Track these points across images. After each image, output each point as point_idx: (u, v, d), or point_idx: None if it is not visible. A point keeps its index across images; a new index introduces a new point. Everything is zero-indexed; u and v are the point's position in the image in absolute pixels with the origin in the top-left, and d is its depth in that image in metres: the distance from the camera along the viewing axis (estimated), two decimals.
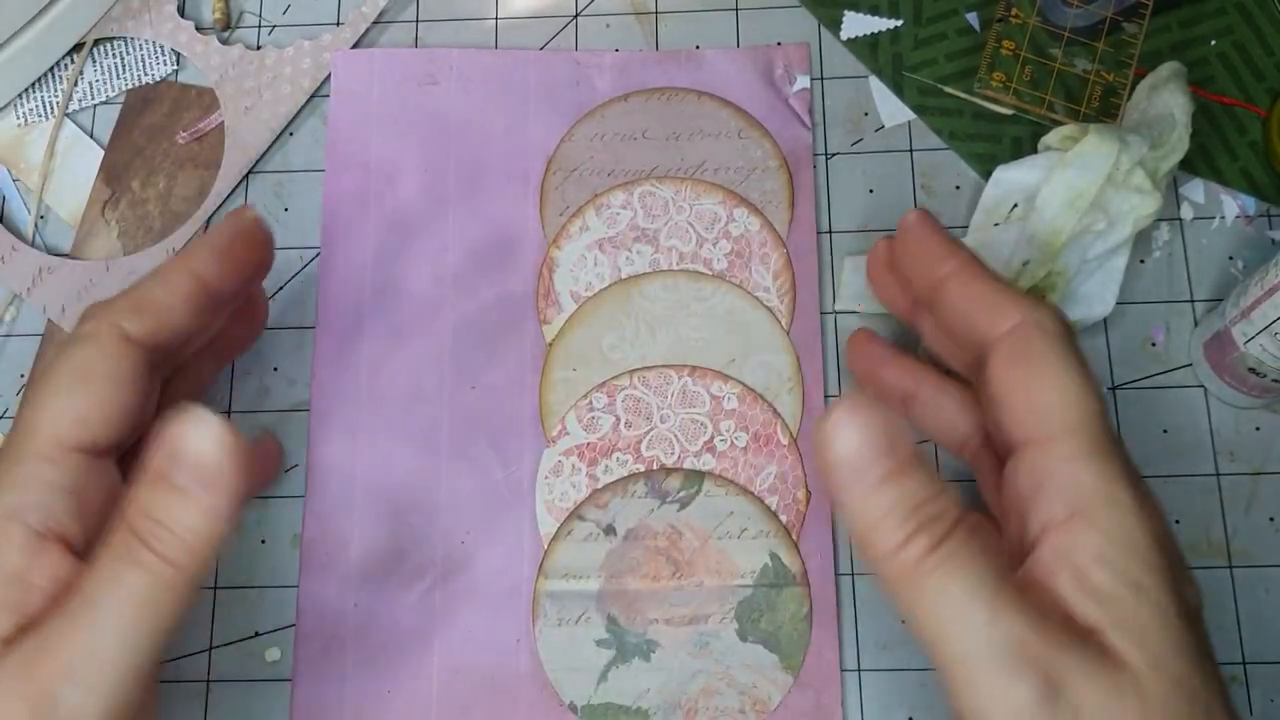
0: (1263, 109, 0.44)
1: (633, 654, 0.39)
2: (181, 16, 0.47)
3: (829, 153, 0.44)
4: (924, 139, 0.44)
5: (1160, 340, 0.42)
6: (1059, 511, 0.29)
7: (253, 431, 0.42)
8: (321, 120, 0.46)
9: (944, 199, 0.44)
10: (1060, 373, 0.30)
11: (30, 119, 0.47)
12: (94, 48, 0.47)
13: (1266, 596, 0.39)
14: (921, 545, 0.27)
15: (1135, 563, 0.28)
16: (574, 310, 0.43)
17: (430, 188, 0.44)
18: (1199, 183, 0.43)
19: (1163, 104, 0.40)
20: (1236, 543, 0.40)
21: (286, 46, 0.46)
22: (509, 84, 0.45)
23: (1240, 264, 0.43)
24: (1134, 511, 0.28)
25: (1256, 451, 0.41)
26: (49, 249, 0.45)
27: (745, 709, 0.39)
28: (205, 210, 0.45)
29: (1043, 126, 0.44)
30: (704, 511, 0.40)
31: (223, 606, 0.41)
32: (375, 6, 0.47)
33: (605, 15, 0.46)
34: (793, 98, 0.45)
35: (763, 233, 0.43)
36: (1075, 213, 0.39)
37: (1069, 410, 0.30)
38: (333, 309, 0.43)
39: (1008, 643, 0.26)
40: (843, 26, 0.46)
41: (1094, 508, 0.28)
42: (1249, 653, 0.39)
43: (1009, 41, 0.45)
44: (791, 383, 0.42)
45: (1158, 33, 0.45)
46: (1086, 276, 0.41)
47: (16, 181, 0.46)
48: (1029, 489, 0.29)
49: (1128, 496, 0.28)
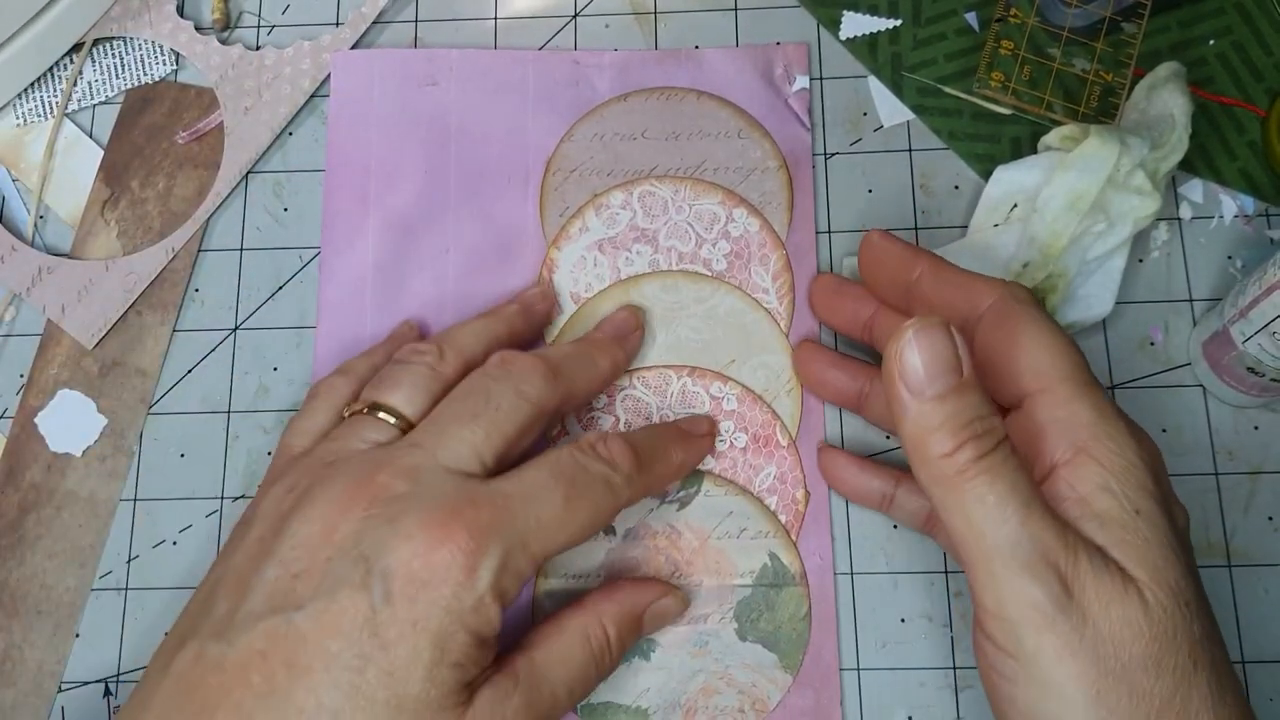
0: (1261, 109, 0.44)
1: (632, 653, 0.39)
2: (181, 16, 0.47)
3: (828, 153, 0.44)
4: (923, 139, 0.44)
5: (1159, 340, 0.42)
6: (1064, 450, 0.32)
7: (254, 432, 0.43)
8: (321, 120, 0.46)
9: (943, 199, 0.44)
10: (1044, 332, 0.33)
11: (30, 119, 0.47)
12: (93, 48, 0.47)
13: (1266, 596, 0.39)
14: (969, 454, 0.30)
15: (1134, 490, 0.31)
16: (574, 311, 0.43)
17: (430, 188, 0.44)
18: (1198, 182, 0.44)
19: (1162, 104, 0.41)
20: (1235, 542, 0.40)
21: (286, 47, 0.46)
22: (508, 84, 0.45)
23: (1239, 263, 0.43)
24: (1130, 444, 0.32)
25: (1255, 451, 0.41)
26: (48, 249, 0.45)
27: (744, 708, 0.39)
28: (204, 210, 0.45)
29: (1042, 126, 0.44)
30: (703, 511, 0.40)
31: None
32: (375, 6, 0.47)
33: (604, 15, 0.46)
34: (792, 98, 0.45)
35: (762, 233, 0.43)
36: (1076, 215, 0.39)
37: (1059, 361, 0.33)
38: (333, 309, 0.43)
39: (1033, 545, 0.29)
40: (842, 26, 0.46)
41: (1095, 442, 0.31)
42: (1249, 653, 0.39)
43: (1008, 41, 0.45)
44: (790, 384, 0.42)
45: (1156, 33, 0.45)
46: (1086, 277, 0.41)
47: (16, 181, 0.46)
48: (1035, 436, 0.32)
49: (1123, 431, 0.32)
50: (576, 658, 0.34)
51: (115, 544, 0.42)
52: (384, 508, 0.32)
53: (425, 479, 0.32)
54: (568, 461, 0.34)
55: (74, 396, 0.43)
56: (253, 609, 0.31)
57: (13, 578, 0.41)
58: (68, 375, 0.43)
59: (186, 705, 0.30)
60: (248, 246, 0.45)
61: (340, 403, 0.38)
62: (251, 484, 0.42)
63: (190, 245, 0.44)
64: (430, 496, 0.32)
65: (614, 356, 0.40)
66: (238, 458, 0.42)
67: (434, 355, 0.37)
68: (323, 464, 0.34)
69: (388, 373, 0.37)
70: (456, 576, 0.31)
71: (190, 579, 0.41)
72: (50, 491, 0.42)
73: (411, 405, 0.36)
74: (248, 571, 0.32)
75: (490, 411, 0.34)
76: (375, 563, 0.31)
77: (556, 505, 0.33)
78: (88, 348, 0.43)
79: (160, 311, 0.44)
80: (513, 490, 0.33)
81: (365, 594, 0.30)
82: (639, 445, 0.36)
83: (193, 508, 0.42)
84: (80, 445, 0.43)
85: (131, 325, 0.44)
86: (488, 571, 0.31)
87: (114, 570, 0.42)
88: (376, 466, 0.33)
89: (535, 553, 0.32)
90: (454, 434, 0.34)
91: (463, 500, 0.32)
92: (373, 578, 0.30)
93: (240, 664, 0.30)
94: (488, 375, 0.36)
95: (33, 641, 0.41)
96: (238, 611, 0.31)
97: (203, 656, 0.31)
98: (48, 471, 0.42)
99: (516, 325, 0.40)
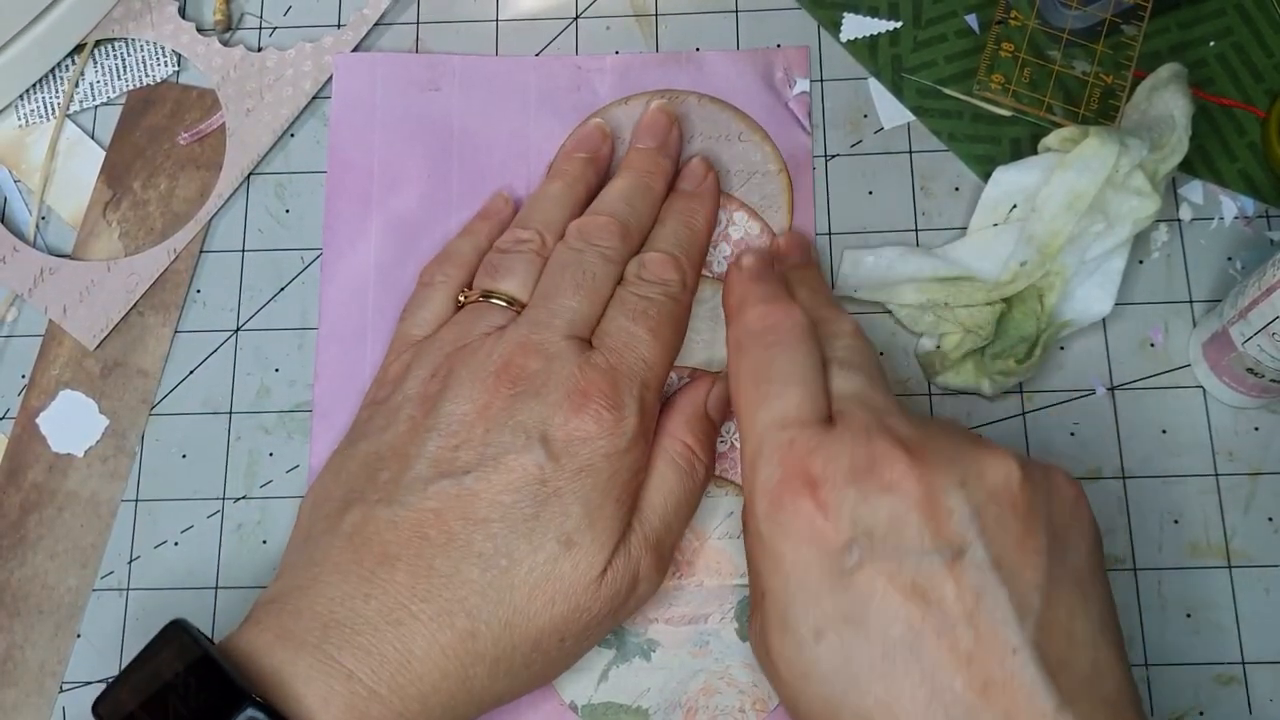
0: (1262, 110, 0.44)
1: (633, 653, 0.39)
2: (183, 18, 0.47)
3: (828, 155, 0.45)
4: (923, 141, 0.45)
5: (1159, 341, 0.42)
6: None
7: (255, 433, 0.43)
8: (322, 122, 0.46)
9: (943, 200, 0.44)
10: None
11: (31, 120, 0.47)
12: (95, 49, 0.47)
13: (1266, 596, 0.39)
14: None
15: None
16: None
17: (432, 191, 0.44)
18: (1198, 184, 0.44)
19: (1163, 106, 0.41)
20: (1236, 543, 0.40)
21: (288, 48, 0.46)
22: (510, 89, 0.45)
23: (1239, 265, 0.43)
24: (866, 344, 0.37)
25: (1255, 452, 0.41)
26: (50, 250, 0.45)
27: (745, 708, 0.39)
28: (206, 211, 0.45)
29: (1042, 128, 0.44)
30: (704, 511, 0.40)
31: (224, 606, 0.41)
32: (377, 8, 0.47)
33: (606, 17, 0.47)
34: (792, 101, 0.45)
35: (762, 236, 0.43)
36: (1074, 214, 0.40)
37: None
38: (335, 310, 0.43)
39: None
40: (842, 28, 0.46)
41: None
42: (1249, 653, 0.39)
43: (1008, 43, 0.45)
44: None
45: (1156, 34, 0.45)
46: (1085, 277, 0.41)
47: (18, 182, 0.46)
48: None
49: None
50: (670, 480, 0.37)
51: (117, 544, 0.42)
52: (526, 384, 0.36)
53: (554, 353, 0.36)
54: (633, 301, 0.38)
55: (76, 397, 0.43)
56: (420, 475, 0.35)
57: (14, 578, 0.42)
58: (69, 376, 0.43)
59: (365, 558, 0.34)
60: (249, 248, 0.45)
61: (454, 290, 0.41)
62: (253, 485, 0.42)
63: (192, 246, 0.44)
64: (563, 367, 0.36)
65: (664, 170, 0.42)
66: (239, 459, 0.42)
67: (537, 243, 0.40)
68: (456, 348, 0.38)
69: (499, 261, 0.40)
70: (607, 427, 0.35)
71: (191, 579, 0.41)
72: (52, 492, 0.42)
73: (524, 290, 0.39)
74: (407, 445, 0.36)
75: (589, 281, 0.38)
76: (533, 430, 0.35)
77: (648, 341, 0.37)
78: (89, 348, 0.44)
79: (162, 312, 0.44)
80: (615, 344, 0.37)
81: (529, 455, 0.34)
82: (670, 249, 0.40)
83: (194, 508, 0.42)
84: (82, 446, 0.43)
85: (133, 326, 0.44)
86: (630, 414, 0.36)
87: (115, 571, 0.42)
88: (510, 349, 0.37)
89: (655, 386, 0.37)
90: (566, 307, 0.38)
91: (588, 365, 0.36)
92: (533, 442, 0.35)
93: (415, 521, 0.34)
94: (574, 249, 0.39)
95: (34, 642, 0.41)
96: (403, 478, 0.35)
97: (372, 518, 0.34)
98: (49, 472, 0.43)
99: (591, 181, 0.43)
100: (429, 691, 0.33)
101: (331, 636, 0.32)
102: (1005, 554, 0.30)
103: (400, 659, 0.32)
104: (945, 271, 0.41)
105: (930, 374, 0.42)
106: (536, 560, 0.34)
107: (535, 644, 0.34)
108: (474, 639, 0.33)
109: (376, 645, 0.32)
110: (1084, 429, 0.41)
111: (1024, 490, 0.31)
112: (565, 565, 0.34)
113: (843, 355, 0.36)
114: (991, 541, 0.30)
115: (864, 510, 0.31)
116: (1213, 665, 0.39)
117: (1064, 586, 0.31)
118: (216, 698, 0.30)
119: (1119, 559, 0.40)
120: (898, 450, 0.32)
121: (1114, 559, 0.40)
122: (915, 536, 0.30)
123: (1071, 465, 0.41)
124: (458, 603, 0.33)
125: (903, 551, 0.30)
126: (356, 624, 0.33)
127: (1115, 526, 0.40)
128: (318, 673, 0.32)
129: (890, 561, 0.30)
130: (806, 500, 0.31)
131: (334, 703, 0.31)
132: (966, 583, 0.30)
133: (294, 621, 0.33)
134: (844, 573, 0.31)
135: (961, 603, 0.30)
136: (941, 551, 0.30)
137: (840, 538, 0.31)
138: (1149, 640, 0.39)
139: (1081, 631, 0.30)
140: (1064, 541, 0.32)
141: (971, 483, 0.31)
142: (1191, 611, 0.39)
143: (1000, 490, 0.31)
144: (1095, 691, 0.30)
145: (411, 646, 0.33)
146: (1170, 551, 0.40)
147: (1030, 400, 0.42)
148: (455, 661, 0.33)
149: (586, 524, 0.34)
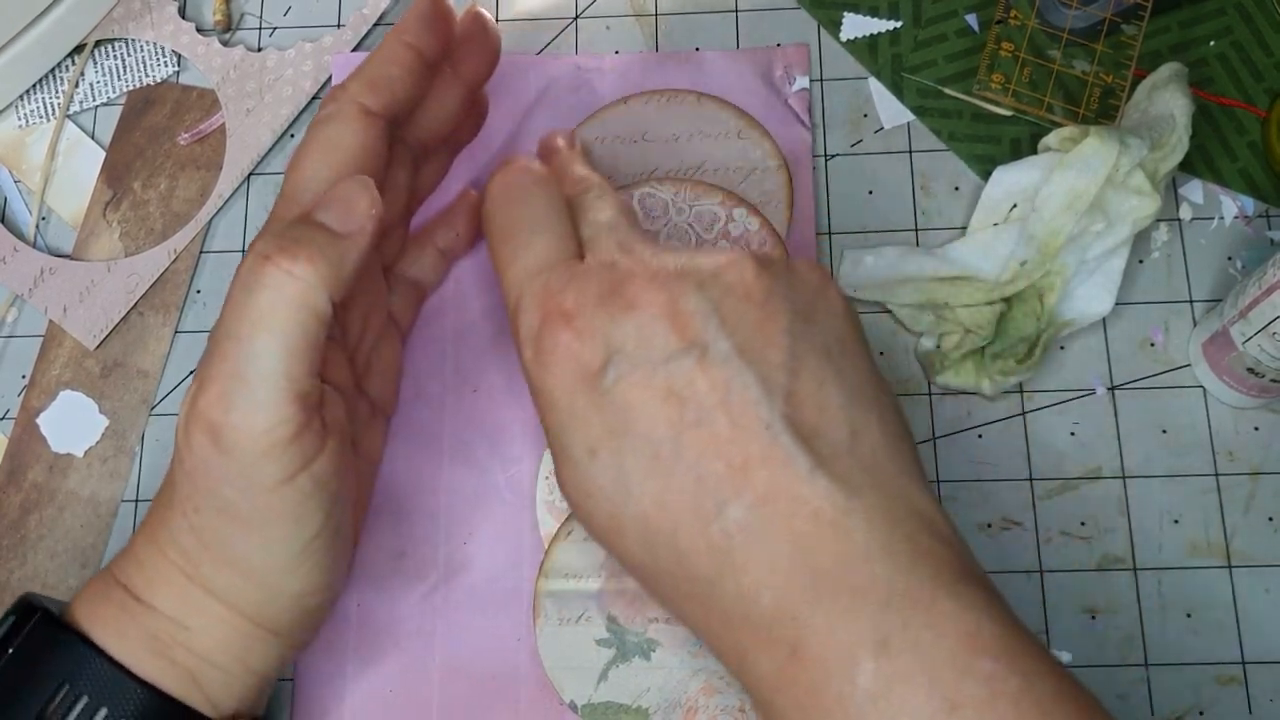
0: (1262, 110, 0.44)
1: (633, 653, 0.39)
2: (183, 18, 0.47)
3: (828, 154, 0.45)
4: (923, 140, 0.45)
5: (1159, 340, 0.42)
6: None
7: None
8: None
9: (943, 200, 0.44)
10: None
11: (31, 120, 0.47)
12: (95, 49, 0.47)
13: (1266, 596, 0.39)
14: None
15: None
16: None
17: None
18: (1198, 183, 0.44)
19: (1163, 105, 0.41)
20: (1236, 543, 0.40)
21: (287, 48, 0.46)
22: (509, 89, 0.45)
23: (1239, 264, 0.43)
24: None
25: (1255, 451, 0.41)
26: (50, 250, 0.45)
27: (745, 708, 0.39)
28: (206, 211, 0.45)
29: (1042, 128, 0.44)
30: None
31: None
32: (376, 8, 0.47)
33: (605, 17, 0.47)
34: (792, 99, 0.45)
35: (762, 233, 0.43)
36: (1074, 214, 0.40)
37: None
38: None
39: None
40: (842, 28, 0.46)
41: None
42: (1249, 653, 0.39)
43: (1008, 43, 0.45)
44: None
45: (1156, 34, 0.45)
46: (1085, 277, 0.41)
47: (18, 183, 0.46)
48: None
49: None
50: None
51: (117, 544, 0.42)
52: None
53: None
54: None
55: (76, 397, 0.43)
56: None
57: (14, 578, 0.42)
58: (70, 376, 0.44)
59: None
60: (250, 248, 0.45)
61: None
62: None
63: (192, 246, 0.44)
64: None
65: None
66: None
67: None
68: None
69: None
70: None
71: None
72: (52, 492, 0.42)
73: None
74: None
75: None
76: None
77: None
78: (90, 349, 0.44)
79: (162, 313, 0.44)
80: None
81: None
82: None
83: None
84: (82, 446, 0.43)
85: (133, 326, 0.44)
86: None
87: None
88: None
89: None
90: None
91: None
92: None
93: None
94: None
95: None
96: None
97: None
98: (50, 472, 0.43)
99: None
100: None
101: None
102: (747, 341, 0.31)
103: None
104: (945, 271, 0.42)
105: (930, 374, 0.42)
106: None
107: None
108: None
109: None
110: (1084, 429, 0.41)
111: (760, 280, 0.32)
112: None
113: (588, 200, 0.37)
114: (733, 332, 0.31)
115: (614, 330, 0.32)
116: (1213, 665, 0.39)
117: (810, 361, 0.32)
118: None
119: (1119, 559, 0.40)
120: (639, 268, 0.33)
121: (1114, 559, 0.40)
122: (662, 344, 0.31)
123: (1071, 465, 0.41)
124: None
125: (654, 360, 0.31)
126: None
127: (1115, 526, 0.40)
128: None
129: (644, 371, 0.31)
130: (564, 332, 0.32)
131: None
132: (715, 375, 0.31)
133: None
134: (605, 391, 0.32)
135: (714, 393, 0.31)
136: (688, 352, 0.31)
137: (597, 359, 0.32)
138: (1149, 640, 0.39)
139: (833, 401, 0.31)
140: (809, 320, 0.33)
141: (708, 284, 0.32)
142: (1191, 611, 0.39)
143: (735, 284, 0.32)
144: (851, 454, 0.31)
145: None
146: (1170, 551, 0.40)
147: (1030, 400, 0.42)
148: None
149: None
